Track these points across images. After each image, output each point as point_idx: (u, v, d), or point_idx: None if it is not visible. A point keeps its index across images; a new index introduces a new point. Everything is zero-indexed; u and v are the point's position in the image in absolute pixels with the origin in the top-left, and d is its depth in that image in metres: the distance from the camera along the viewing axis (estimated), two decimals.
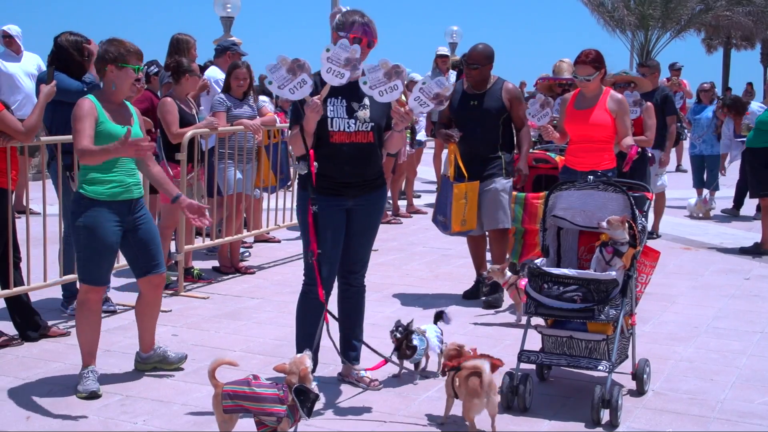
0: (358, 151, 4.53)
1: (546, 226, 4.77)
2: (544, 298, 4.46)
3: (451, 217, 6.51)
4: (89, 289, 4.65)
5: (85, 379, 4.63)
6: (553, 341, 4.64)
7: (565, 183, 4.77)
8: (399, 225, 10.55)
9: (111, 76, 4.62)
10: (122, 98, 4.72)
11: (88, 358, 4.70)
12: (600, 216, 4.55)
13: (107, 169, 4.53)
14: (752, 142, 9.17)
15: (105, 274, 4.71)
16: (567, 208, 4.72)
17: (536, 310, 4.52)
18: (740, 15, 37.27)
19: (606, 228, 4.46)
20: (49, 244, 5.77)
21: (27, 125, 5.35)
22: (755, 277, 7.79)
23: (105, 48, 4.64)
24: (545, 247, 4.77)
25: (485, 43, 6.62)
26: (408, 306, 6.54)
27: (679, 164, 16.73)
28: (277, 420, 3.75)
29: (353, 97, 4.51)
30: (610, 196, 4.58)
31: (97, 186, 4.53)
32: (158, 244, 4.87)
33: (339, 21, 4.55)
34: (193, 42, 7.82)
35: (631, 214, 4.51)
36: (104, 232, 4.54)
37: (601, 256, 4.52)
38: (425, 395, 4.69)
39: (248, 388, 3.79)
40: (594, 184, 4.62)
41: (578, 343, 4.55)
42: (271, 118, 8.09)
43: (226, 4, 18.51)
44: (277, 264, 8.17)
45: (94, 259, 4.58)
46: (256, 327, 5.84)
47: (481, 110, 6.53)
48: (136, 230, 4.70)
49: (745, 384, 4.93)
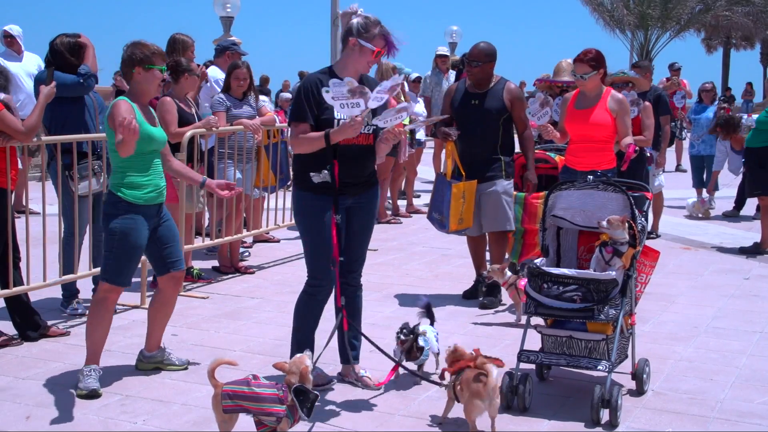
0: (360, 152, 4.57)
1: (546, 225, 4.76)
2: (543, 298, 4.46)
3: (449, 215, 6.49)
4: (111, 288, 4.72)
5: (87, 376, 4.65)
6: (552, 341, 4.63)
7: (564, 183, 4.77)
8: (399, 225, 10.56)
9: (138, 78, 4.72)
10: (149, 99, 4.88)
11: (93, 356, 4.73)
12: (600, 216, 4.55)
13: (144, 172, 4.66)
14: (750, 142, 9.19)
15: (130, 275, 4.80)
16: (567, 208, 4.71)
17: (536, 310, 4.52)
18: (740, 15, 37.29)
19: (606, 228, 4.47)
20: (48, 244, 5.77)
21: (27, 125, 5.36)
22: (755, 277, 7.79)
23: (131, 51, 4.72)
24: (545, 246, 4.76)
25: (487, 42, 6.60)
26: (408, 306, 6.53)
27: (679, 164, 16.74)
28: (277, 420, 3.75)
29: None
30: (610, 195, 4.57)
31: (135, 190, 4.63)
32: (179, 240, 5.03)
33: (360, 27, 4.51)
34: (190, 42, 7.81)
35: (630, 214, 4.51)
36: (137, 236, 4.65)
37: (600, 256, 4.52)
38: (425, 395, 4.69)
39: (248, 387, 3.80)
40: (594, 183, 4.62)
41: (578, 343, 4.55)
42: (270, 117, 8.09)
43: (225, 3, 18.52)
44: (276, 264, 8.17)
45: (123, 261, 4.67)
46: (256, 327, 5.84)
47: (481, 109, 6.52)
48: (160, 229, 4.82)
49: (745, 384, 4.93)
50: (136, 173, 4.63)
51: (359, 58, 4.54)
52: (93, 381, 4.64)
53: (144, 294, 6.51)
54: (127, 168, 4.61)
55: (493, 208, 6.52)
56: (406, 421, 4.34)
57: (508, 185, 6.57)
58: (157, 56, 4.74)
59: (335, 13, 13.67)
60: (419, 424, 4.30)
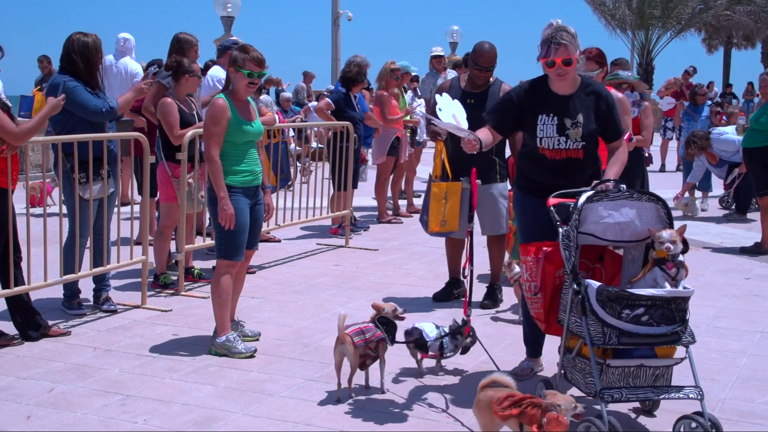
0: (567, 164, 4.64)
1: (576, 243, 4.16)
2: (625, 325, 3.94)
3: (429, 215, 6.30)
4: (230, 263, 5.31)
5: (235, 342, 5.29)
6: (618, 373, 4.06)
7: (596, 194, 4.22)
8: (399, 225, 10.57)
9: (232, 77, 5.32)
10: (242, 97, 5.35)
11: (223, 326, 5.32)
12: (635, 228, 4.22)
13: (239, 161, 5.27)
14: (748, 143, 9.15)
15: (241, 249, 5.33)
16: (597, 222, 4.22)
17: (619, 340, 3.97)
18: (741, 14, 37.27)
19: (670, 247, 4.08)
20: (49, 243, 5.77)
21: (22, 128, 5.32)
22: (755, 277, 7.79)
23: (234, 52, 5.32)
24: (575, 270, 4.13)
25: (490, 42, 6.55)
26: (408, 306, 6.52)
27: (680, 164, 16.78)
28: (378, 344, 4.63)
29: (566, 113, 4.61)
30: (644, 205, 4.23)
31: (232, 176, 5.24)
32: (261, 223, 5.69)
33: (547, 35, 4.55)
34: (195, 42, 7.82)
35: (669, 222, 4.22)
36: (240, 214, 5.24)
37: (665, 275, 4.08)
38: (426, 393, 4.69)
39: (363, 328, 4.64)
40: (628, 193, 4.24)
41: (645, 371, 4.09)
42: (270, 117, 8.09)
43: (226, 3, 18.54)
44: (277, 264, 8.18)
45: (233, 237, 5.24)
46: (256, 327, 5.84)
47: (477, 109, 6.46)
48: (252, 210, 5.39)
49: (746, 384, 4.94)
50: (233, 163, 5.24)
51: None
52: (242, 344, 5.30)
53: (145, 294, 6.51)
54: (225, 158, 5.22)
55: (490, 211, 6.50)
56: (406, 420, 4.34)
57: (503, 187, 6.56)
58: (248, 61, 5.25)
59: (335, 13, 13.68)
60: (420, 424, 4.30)
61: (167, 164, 6.83)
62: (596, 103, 4.63)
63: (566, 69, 4.50)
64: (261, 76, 5.36)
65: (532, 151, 4.70)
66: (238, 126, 5.24)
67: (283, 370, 5.06)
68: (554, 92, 4.63)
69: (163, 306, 6.46)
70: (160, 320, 6.11)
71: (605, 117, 4.64)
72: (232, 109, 5.24)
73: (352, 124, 9.17)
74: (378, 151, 10.63)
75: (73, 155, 5.81)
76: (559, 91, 4.63)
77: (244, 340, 5.44)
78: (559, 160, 4.63)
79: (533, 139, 4.65)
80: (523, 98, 4.69)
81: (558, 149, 4.60)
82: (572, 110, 4.60)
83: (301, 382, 4.85)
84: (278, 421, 4.30)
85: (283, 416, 4.36)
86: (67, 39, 5.95)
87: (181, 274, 6.94)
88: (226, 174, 5.22)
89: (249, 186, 5.33)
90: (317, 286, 7.23)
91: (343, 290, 7.11)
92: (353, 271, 7.89)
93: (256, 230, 5.52)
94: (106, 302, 6.32)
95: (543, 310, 4.42)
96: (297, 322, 6.12)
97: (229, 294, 5.37)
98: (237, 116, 5.25)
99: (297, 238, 9.49)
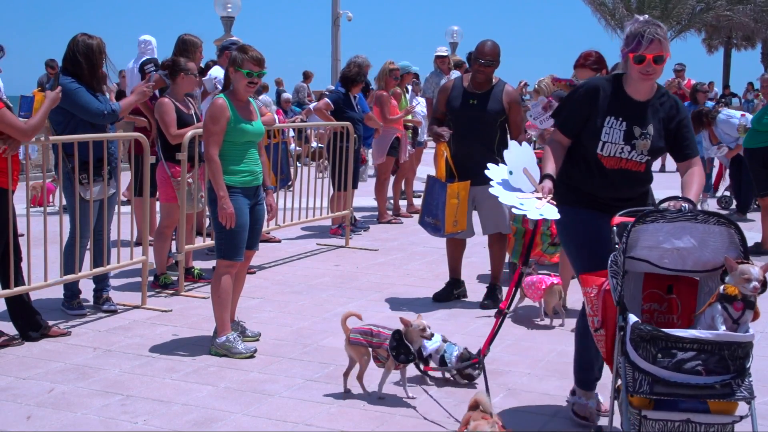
0: (627, 176, 4.13)
1: (624, 269, 3.56)
2: (662, 371, 3.33)
3: (445, 217, 6.41)
4: (230, 264, 5.31)
5: (235, 342, 5.28)
6: (660, 427, 3.42)
7: (650, 214, 3.59)
8: (399, 225, 10.57)
9: (232, 77, 5.34)
10: (242, 97, 5.36)
11: (223, 326, 5.32)
12: (699, 255, 3.60)
13: (239, 161, 5.28)
14: (749, 143, 9.15)
15: (241, 250, 5.33)
16: (653, 247, 3.62)
17: (651, 389, 3.36)
18: (741, 14, 37.29)
19: (757, 286, 3.38)
20: (49, 243, 5.77)
21: (29, 125, 5.36)
22: None
23: (234, 52, 5.35)
24: (621, 301, 3.53)
25: (492, 40, 6.57)
26: (408, 306, 6.54)
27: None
28: (387, 356, 4.50)
29: (637, 121, 4.08)
30: (712, 229, 3.55)
31: (232, 176, 5.24)
32: (263, 223, 5.71)
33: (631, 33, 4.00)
34: (199, 44, 7.84)
35: (743, 252, 3.54)
36: (240, 214, 5.24)
37: (727, 315, 3.40)
38: (426, 395, 4.69)
39: (371, 330, 4.59)
40: (691, 214, 3.57)
41: (696, 428, 3.41)
42: (270, 117, 8.09)
43: (226, 4, 18.51)
44: (277, 264, 8.18)
45: (233, 237, 5.25)
46: (256, 327, 5.84)
47: (479, 110, 6.49)
48: (253, 210, 5.40)
49: None
50: (232, 163, 5.25)
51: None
52: (242, 344, 5.30)
53: (145, 294, 6.51)
54: (224, 157, 5.22)
55: (492, 211, 6.50)
56: (406, 421, 4.34)
57: None
58: (247, 61, 5.25)
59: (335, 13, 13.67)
60: (420, 424, 4.30)
61: (166, 164, 6.83)
62: (670, 116, 4.10)
63: (655, 68, 3.94)
64: (260, 75, 5.35)
65: (587, 157, 4.14)
66: (237, 125, 5.25)
67: (283, 370, 5.07)
68: (629, 95, 4.08)
69: (163, 306, 6.46)
70: (160, 320, 6.12)
71: (676, 132, 4.11)
72: (232, 109, 5.26)
73: (351, 124, 9.18)
74: (378, 152, 10.64)
75: (74, 156, 5.82)
76: (635, 96, 4.08)
77: (244, 340, 5.45)
78: (617, 170, 4.10)
79: (593, 143, 4.08)
80: (593, 95, 4.12)
81: (619, 158, 4.08)
82: (645, 119, 4.07)
83: (301, 383, 4.85)
84: (278, 421, 4.30)
85: (283, 416, 4.36)
86: (71, 40, 5.95)
87: (181, 275, 6.94)
88: (225, 174, 5.23)
89: (248, 186, 5.34)
90: (317, 287, 7.23)
91: (343, 290, 7.11)
92: (353, 271, 7.90)
93: (257, 231, 5.52)
94: (106, 302, 6.32)
95: (606, 349, 3.79)
96: (297, 322, 6.12)
97: (229, 294, 5.38)
98: (237, 116, 5.26)
99: (297, 238, 9.50)
